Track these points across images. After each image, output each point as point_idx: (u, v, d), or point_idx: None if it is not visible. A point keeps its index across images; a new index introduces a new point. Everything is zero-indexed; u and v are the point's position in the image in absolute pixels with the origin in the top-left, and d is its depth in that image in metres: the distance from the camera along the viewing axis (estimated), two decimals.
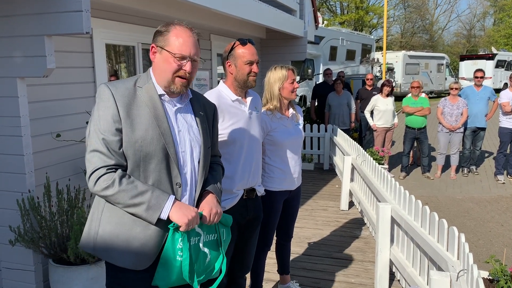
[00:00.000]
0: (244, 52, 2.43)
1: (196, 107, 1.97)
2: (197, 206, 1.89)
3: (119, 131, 1.72)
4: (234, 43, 2.46)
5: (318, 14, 10.57)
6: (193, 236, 1.81)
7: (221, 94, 2.47)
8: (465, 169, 8.29)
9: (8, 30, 2.99)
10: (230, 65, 2.48)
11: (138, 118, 1.75)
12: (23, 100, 3.10)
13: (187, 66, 1.81)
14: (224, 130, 2.42)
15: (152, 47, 1.85)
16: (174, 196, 1.78)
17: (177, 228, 1.74)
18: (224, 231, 1.96)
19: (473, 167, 8.41)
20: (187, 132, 1.88)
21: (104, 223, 1.78)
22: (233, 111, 2.46)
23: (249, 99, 2.56)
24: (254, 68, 2.46)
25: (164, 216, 1.73)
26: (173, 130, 1.83)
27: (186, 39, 1.81)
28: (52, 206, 3.24)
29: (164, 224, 1.76)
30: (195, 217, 1.77)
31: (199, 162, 1.91)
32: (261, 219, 2.71)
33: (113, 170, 1.71)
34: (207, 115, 2.02)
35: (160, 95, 1.83)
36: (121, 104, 1.74)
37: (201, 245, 1.85)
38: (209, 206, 1.86)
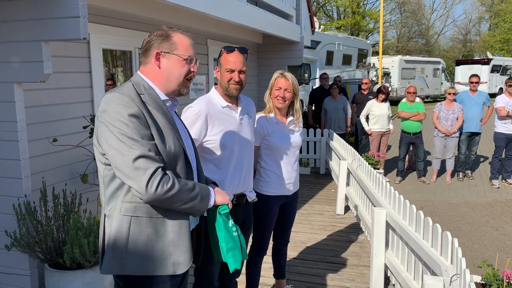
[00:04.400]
0: (227, 60, 2.45)
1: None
2: None
3: (152, 136, 1.71)
4: (221, 50, 2.50)
5: (315, 19, 10.64)
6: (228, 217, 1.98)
7: (211, 101, 2.49)
8: (461, 173, 8.33)
9: (6, 36, 3.01)
10: (217, 71, 2.52)
11: (159, 124, 1.75)
12: (19, 105, 3.11)
13: (195, 68, 1.87)
14: (213, 136, 2.42)
15: (157, 53, 1.80)
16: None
17: (223, 210, 1.91)
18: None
19: (469, 172, 8.45)
20: (185, 134, 1.96)
21: (135, 238, 1.73)
22: (223, 117, 2.47)
23: (241, 105, 2.57)
24: (235, 76, 2.44)
25: (212, 203, 1.85)
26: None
27: (189, 41, 1.85)
28: (48, 210, 3.24)
29: (189, 217, 1.84)
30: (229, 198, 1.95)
31: (197, 160, 2.01)
32: (250, 225, 2.72)
33: (165, 171, 1.70)
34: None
35: (164, 101, 1.83)
36: (145, 111, 1.72)
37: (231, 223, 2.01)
38: (224, 194, 1.95)
